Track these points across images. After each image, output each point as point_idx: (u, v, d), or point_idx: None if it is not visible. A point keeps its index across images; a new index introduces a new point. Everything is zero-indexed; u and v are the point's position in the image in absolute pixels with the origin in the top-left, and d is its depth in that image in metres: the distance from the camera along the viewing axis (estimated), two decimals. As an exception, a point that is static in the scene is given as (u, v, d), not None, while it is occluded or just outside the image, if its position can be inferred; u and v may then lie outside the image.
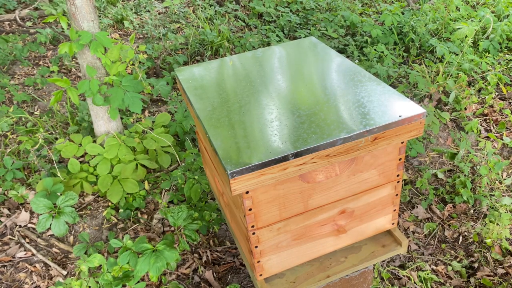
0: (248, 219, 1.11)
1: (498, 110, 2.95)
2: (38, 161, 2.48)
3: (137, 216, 2.27)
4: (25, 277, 2.01)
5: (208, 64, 1.52)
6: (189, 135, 2.68)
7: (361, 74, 1.31)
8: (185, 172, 2.33)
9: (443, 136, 2.80)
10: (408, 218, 2.23)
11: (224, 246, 2.12)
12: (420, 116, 1.11)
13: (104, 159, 2.28)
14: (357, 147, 1.07)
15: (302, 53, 1.51)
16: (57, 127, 2.85)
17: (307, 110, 1.16)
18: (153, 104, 3.25)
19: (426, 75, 3.15)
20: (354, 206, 1.25)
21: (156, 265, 1.47)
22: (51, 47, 4.02)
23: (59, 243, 2.16)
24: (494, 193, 2.29)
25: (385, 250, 1.36)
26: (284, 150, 1.01)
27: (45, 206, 1.85)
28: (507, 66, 3.33)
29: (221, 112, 1.20)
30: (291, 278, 1.29)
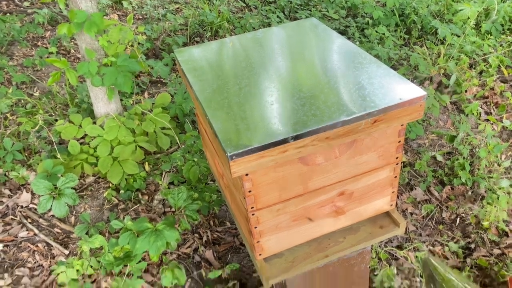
0: (247, 200, 1.12)
1: (499, 92, 2.94)
2: (38, 143, 2.49)
3: (138, 197, 2.29)
4: (28, 256, 2.04)
5: (208, 45, 1.51)
6: (189, 117, 2.68)
7: (362, 56, 1.30)
8: (184, 154, 2.34)
9: (443, 118, 2.80)
10: (406, 199, 2.25)
11: (224, 227, 2.15)
12: (421, 98, 1.11)
13: (104, 141, 2.28)
14: (357, 129, 1.07)
15: (302, 35, 1.50)
16: (57, 108, 2.84)
17: (307, 92, 1.16)
18: (153, 85, 3.24)
19: (427, 57, 3.12)
20: (353, 188, 1.26)
21: (156, 244, 1.49)
22: (49, 28, 3.97)
23: (61, 223, 2.18)
24: (492, 175, 2.31)
25: (383, 231, 1.38)
26: (284, 133, 1.01)
27: (45, 187, 1.87)
28: (509, 48, 3.30)
29: (221, 94, 1.20)
30: (289, 258, 1.31)
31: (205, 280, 1.90)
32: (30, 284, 1.91)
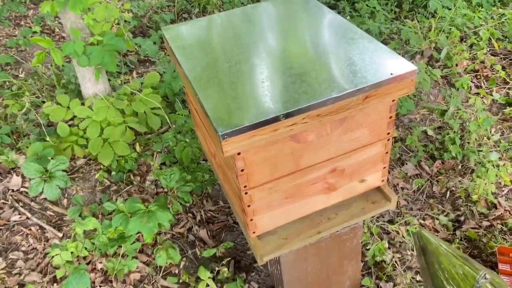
0: (240, 179, 1.12)
1: (489, 66, 2.94)
2: (26, 125, 2.45)
3: (130, 178, 2.28)
4: (21, 239, 2.03)
5: (196, 22, 1.48)
6: (179, 96, 2.65)
7: (353, 31, 1.28)
8: (176, 135, 2.32)
9: (434, 93, 2.81)
10: (397, 174, 2.27)
11: (217, 206, 2.16)
12: (412, 73, 1.10)
13: (93, 122, 2.26)
14: (348, 106, 1.07)
15: (292, 10, 1.47)
16: (44, 90, 2.79)
17: (298, 69, 1.15)
18: (141, 64, 3.18)
19: (418, 31, 3.10)
20: (345, 165, 1.26)
21: (148, 225, 1.49)
22: (32, 6, 3.86)
23: (53, 206, 2.17)
24: (482, 148, 2.33)
25: (374, 206, 1.39)
26: (275, 111, 1.00)
27: (36, 170, 1.85)
28: (500, 21, 3.28)
29: (210, 72, 1.18)
30: (283, 235, 1.33)
31: (200, 258, 1.92)
32: (25, 267, 1.92)
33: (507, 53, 3.06)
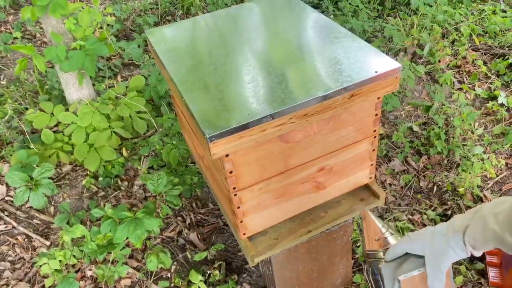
0: (229, 181, 1.12)
1: (471, 61, 2.99)
2: (9, 133, 2.40)
3: (118, 184, 2.25)
4: (8, 249, 1.99)
5: (180, 24, 1.47)
6: (165, 99, 2.63)
7: (337, 30, 1.29)
8: (163, 138, 2.31)
9: (418, 89, 2.84)
10: (385, 171, 2.29)
11: (207, 208, 2.15)
12: (396, 71, 1.11)
13: (78, 128, 2.23)
14: (334, 105, 1.07)
15: (276, 10, 1.47)
16: (26, 96, 2.74)
17: (283, 69, 1.15)
18: (125, 68, 3.15)
19: (401, 29, 3.14)
20: (333, 163, 1.27)
21: (136, 233, 1.48)
22: (12, 12, 3.79)
23: (40, 214, 2.14)
24: (466, 143, 2.37)
25: (363, 204, 1.40)
26: (262, 112, 1.00)
27: (21, 179, 1.82)
28: (480, 17, 3.34)
29: (196, 74, 1.18)
30: (274, 235, 1.33)
31: (191, 262, 1.91)
32: (13, 277, 1.88)
33: (487, 48, 3.11)
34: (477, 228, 0.85)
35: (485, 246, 0.85)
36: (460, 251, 0.87)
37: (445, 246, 0.89)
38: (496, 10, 3.38)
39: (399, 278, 0.95)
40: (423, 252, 0.93)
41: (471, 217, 0.87)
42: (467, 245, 0.86)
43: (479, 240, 0.85)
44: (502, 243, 0.81)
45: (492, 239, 0.83)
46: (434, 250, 0.90)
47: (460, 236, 0.87)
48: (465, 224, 0.87)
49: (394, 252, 0.99)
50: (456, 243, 0.88)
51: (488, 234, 0.83)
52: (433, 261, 0.91)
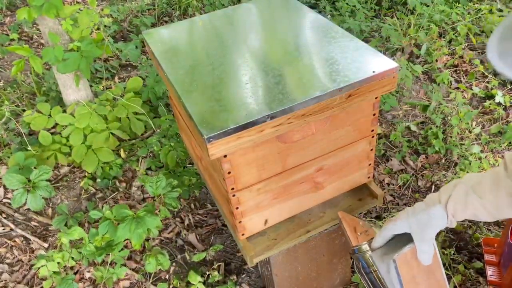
0: (227, 182, 1.12)
1: (468, 60, 3.00)
2: (6, 135, 2.40)
3: (116, 185, 2.25)
4: (6, 252, 1.99)
5: (177, 25, 1.47)
6: (163, 100, 2.62)
7: (334, 30, 1.29)
8: (160, 139, 2.31)
9: (416, 88, 2.85)
10: (383, 170, 2.30)
11: (205, 209, 2.15)
12: (393, 70, 1.11)
13: (76, 129, 2.22)
14: (332, 105, 1.07)
15: (274, 10, 1.47)
16: (24, 98, 2.74)
17: (281, 69, 1.15)
18: (123, 69, 3.15)
19: (398, 28, 3.14)
20: (331, 163, 1.27)
21: (137, 232, 1.47)
22: (9, 13, 3.78)
23: (38, 216, 2.13)
24: (464, 142, 2.37)
25: (362, 203, 1.40)
26: (260, 112, 1.00)
27: (18, 181, 1.81)
28: (477, 16, 3.35)
29: (193, 75, 1.18)
30: (272, 236, 1.33)
31: (190, 263, 1.90)
32: (11, 280, 1.87)
33: (484, 47, 3.12)
34: (459, 197, 0.97)
35: (464, 213, 0.97)
36: (441, 221, 0.98)
37: (428, 217, 0.99)
38: (493, 9, 3.39)
39: (394, 258, 0.99)
40: (408, 228, 1.01)
41: (451, 189, 0.99)
42: (449, 213, 0.98)
43: (459, 207, 0.96)
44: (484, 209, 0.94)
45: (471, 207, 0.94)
46: (418, 223, 0.99)
47: (440, 206, 0.99)
48: (446, 195, 0.98)
49: (381, 237, 1.05)
50: (437, 213, 0.98)
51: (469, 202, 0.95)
52: (419, 233, 0.99)
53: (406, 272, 1.02)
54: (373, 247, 1.09)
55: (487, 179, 0.96)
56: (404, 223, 1.01)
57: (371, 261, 1.09)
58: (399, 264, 1.00)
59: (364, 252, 1.11)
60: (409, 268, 1.02)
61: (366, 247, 1.11)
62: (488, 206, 0.95)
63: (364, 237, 1.15)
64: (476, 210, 0.96)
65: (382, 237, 1.06)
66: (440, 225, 0.99)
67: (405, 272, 1.01)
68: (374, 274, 1.09)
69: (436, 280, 1.06)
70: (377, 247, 1.08)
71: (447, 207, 0.98)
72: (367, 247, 1.11)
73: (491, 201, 0.94)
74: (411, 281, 1.02)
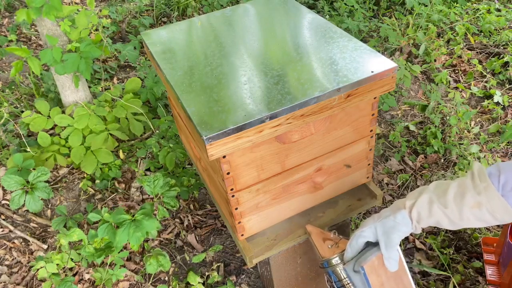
0: (226, 182, 1.12)
1: (466, 60, 3.00)
2: (5, 136, 2.39)
3: (115, 186, 2.25)
4: (5, 253, 1.98)
5: (176, 26, 1.47)
6: (161, 101, 2.62)
7: (333, 30, 1.29)
8: (159, 140, 2.30)
9: (414, 88, 2.85)
10: (382, 170, 2.30)
11: (204, 210, 2.15)
12: (392, 70, 1.11)
13: (75, 130, 2.22)
14: (331, 105, 1.07)
15: (272, 11, 1.47)
16: (22, 99, 2.73)
17: (280, 70, 1.15)
18: (121, 70, 3.15)
19: (397, 28, 3.15)
20: (330, 163, 1.27)
21: (136, 235, 1.47)
22: (7, 15, 3.78)
23: (37, 217, 2.13)
24: (463, 142, 2.38)
25: (361, 203, 1.40)
26: (259, 113, 1.00)
27: (17, 182, 1.81)
28: (475, 16, 3.36)
29: (192, 76, 1.17)
30: (272, 236, 1.32)
31: (189, 263, 1.90)
32: (10, 281, 1.87)
33: (482, 47, 3.13)
34: (424, 204, 0.96)
35: (428, 220, 0.97)
36: (405, 227, 0.98)
37: (393, 223, 0.99)
38: (491, 9, 3.40)
39: (362, 265, 0.98)
40: (374, 235, 1.01)
41: (416, 195, 0.99)
42: (413, 219, 0.98)
43: (424, 215, 0.96)
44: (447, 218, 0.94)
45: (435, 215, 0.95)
46: (383, 229, 0.99)
47: (405, 212, 0.99)
48: (411, 202, 0.99)
49: (351, 247, 1.05)
50: (402, 219, 0.98)
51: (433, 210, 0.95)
52: (385, 239, 0.99)
53: (374, 279, 1.00)
54: (345, 259, 1.05)
55: (452, 189, 0.94)
56: (370, 229, 1.01)
57: (342, 274, 1.06)
58: (368, 272, 0.99)
59: (334, 266, 1.07)
60: (377, 275, 1.00)
61: (337, 260, 1.07)
62: (451, 216, 0.94)
63: (335, 250, 1.12)
64: (439, 219, 0.95)
65: (352, 246, 1.03)
66: (405, 231, 0.98)
67: (374, 280, 1.00)
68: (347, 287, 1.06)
69: (404, 286, 1.05)
70: (350, 258, 1.04)
71: (412, 213, 0.98)
72: (338, 260, 1.07)
73: (454, 211, 0.92)
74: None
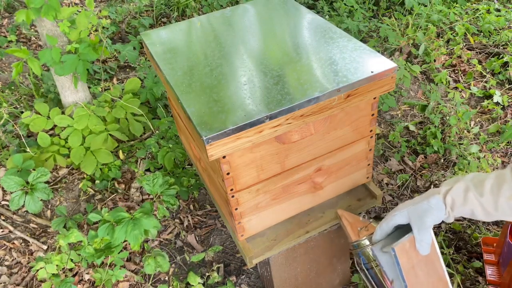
0: (226, 183, 1.12)
1: (466, 60, 3.00)
2: (5, 137, 2.39)
3: (114, 186, 2.25)
4: (5, 254, 1.98)
5: (176, 26, 1.47)
6: (161, 102, 2.62)
7: (332, 30, 1.29)
8: (159, 140, 2.30)
9: (414, 89, 2.85)
10: (382, 170, 2.30)
11: (204, 210, 2.15)
12: (392, 70, 1.11)
13: (75, 131, 2.22)
14: (330, 105, 1.07)
15: (272, 11, 1.47)
16: (22, 100, 2.73)
17: (279, 70, 1.15)
18: (121, 70, 3.15)
19: (396, 29, 3.15)
20: (330, 163, 1.27)
21: (134, 233, 1.47)
22: (6, 15, 3.78)
23: (36, 218, 2.13)
24: (462, 142, 2.38)
25: (361, 203, 1.40)
26: (258, 113, 1.00)
27: (16, 183, 1.81)
28: (474, 16, 3.36)
29: (192, 76, 1.17)
30: (271, 236, 1.33)
31: (189, 264, 1.90)
32: (10, 282, 1.87)
33: (482, 47, 3.13)
34: (459, 191, 0.98)
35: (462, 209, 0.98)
36: (439, 211, 1.00)
37: (427, 206, 1.00)
38: (490, 9, 3.40)
39: (393, 247, 0.99)
40: (407, 218, 1.02)
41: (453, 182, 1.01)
42: (447, 205, 0.99)
43: (458, 202, 0.98)
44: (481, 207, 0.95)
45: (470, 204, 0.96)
46: (417, 212, 1.01)
47: (440, 197, 1.00)
48: (447, 188, 1.00)
49: (380, 229, 1.06)
50: (436, 203, 1.00)
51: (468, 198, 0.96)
52: (418, 221, 1.00)
53: (405, 261, 1.01)
54: (373, 241, 1.09)
55: (490, 179, 0.96)
56: (403, 213, 1.02)
57: (371, 255, 1.09)
58: (398, 254, 1.00)
59: (364, 247, 1.11)
60: (408, 258, 1.02)
61: (366, 242, 1.11)
62: (486, 206, 0.95)
63: (364, 233, 1.15)
64: (474, 208, 0.97)
65: (382, 229, 1.06)
66: (438, 215, 1.00)
67: (405, 262, 1.01)
68: (376, 269, 1.08)
69: (435, 270, 1.05)
70: (378, 240, 1.07)
71: (446, 199, 0.99)
72: (367, 242, 1.11)
73: (490, 201, 0.94)
74: (410, 271, 1.02)
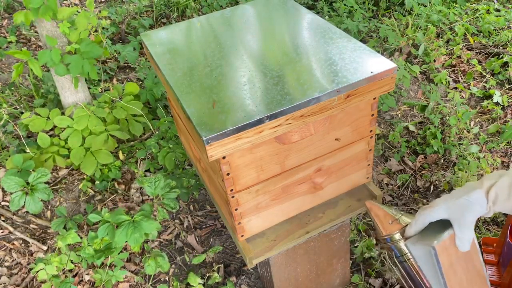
0: (226, 183, 1.12)
1: (466, 60, 3.00)
2: (4, 138, 2.39)
3: (114, 187, 2.25)
4: (5, 255, 1.98)
5: (175, 26, 1.47)
6: (161, 102, 2.62)
7: (332, 31, 1.29)
8: (159, 141, 2.30)
9: (414, 89, 2.85)
10: (382, 171, 2.30)
11: (204, 210, 2.15)
12: (392, 71, 1.11)
13: (75, 131, 2.22)
14: (330, 105, 1.07)
15: (271, 11, 1.47)
16: (22, 101, 2.73)
17: (279, 70, 1.15)
18: (121, 71, 3.15)
19: (396, 29, 3.15)
20: (330, 164, 1.27)
21: (134, 236, 1.47)
22: (6, 16, 3.78)
23: (36, 219, 2.13)
24: (462, 142, 2.38)
25: (361, 204, 1.40)
26: (258, 113, 1.00)
27: (16, 184, 1.80)
28: (474, 16, 3.36)
29: (192, 77, 1.17)
30: (271, 237, 1.32)
31: (189, 264, 1.90)
32: (10, 283, 1.87)
33: (482, 47, 3.13)
34: (504, 185, 0.93)
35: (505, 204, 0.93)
36: (480, 207, 0.95)
37: (467, 202, 0.95)
38: (490, 9, 3.40)
39: (434, 245, 0.96)
40: (447, 214, 0.98)
41: (497, 177, 0.96)
42: (490, 199, 0.94)
43: (502, 197, 0.93)
44: None
45: None
46: (458, 208, 0.96)
47: (482, 191, 0.95)
48: (491, 182, 0.95)
49: (417, 224, 1.03)
50: (477, 198, 0.95)
51: None
52: (459, 218, 0.96)
53: (445, 259, 0.98)
54: (407, 235, 1.06)
55: None
56: (442, 209, 0.98)
57: (405, 249, 1.06)
58: (439, 252, 0.97)
59: (397, 241, 1.08)
60: (448, 255, 0.98)
61: (399, 235, 1.09)
62: None
63: (396, 226, 1.12)
64: None
65: (418, 224, 1.02)
66: (479, 211, 0.96)
67: (445, 259, 0.98)
68: (409, 262, 1.06)
69: (474, 266, 1.02)
70: (412, 235, 1.04)
71: (489, 193, 0.95)
72: (400, 235, 1.09)
73: None
74: (449, 268, 0.99)
